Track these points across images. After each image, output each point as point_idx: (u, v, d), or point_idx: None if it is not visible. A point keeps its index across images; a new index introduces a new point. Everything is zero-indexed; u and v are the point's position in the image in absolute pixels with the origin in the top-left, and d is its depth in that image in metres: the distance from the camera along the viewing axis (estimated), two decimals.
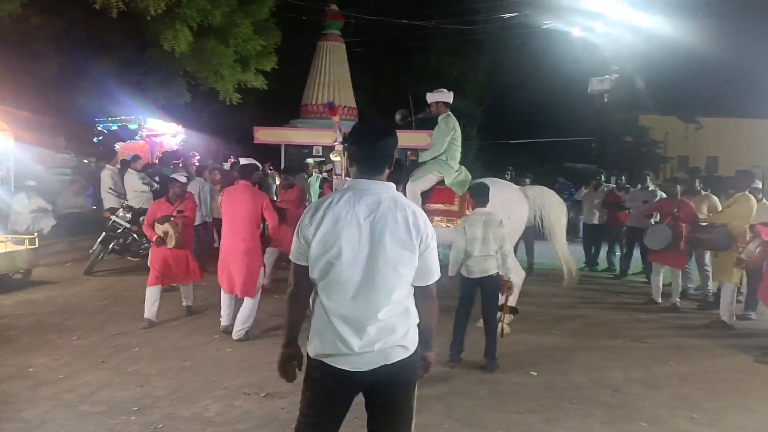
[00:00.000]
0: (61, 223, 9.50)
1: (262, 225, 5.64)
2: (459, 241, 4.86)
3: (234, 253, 5.38)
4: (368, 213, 2.16)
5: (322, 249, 2.15)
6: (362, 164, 2.26)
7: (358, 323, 2.15)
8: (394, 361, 2.19)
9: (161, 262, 5.89)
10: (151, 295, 5.82)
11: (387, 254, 2.14)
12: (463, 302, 4.99)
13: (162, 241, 5.82)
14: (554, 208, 6.48)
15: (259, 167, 5.78)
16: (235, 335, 5.40)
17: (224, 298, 5.61)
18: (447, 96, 6.41)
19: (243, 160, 5.93)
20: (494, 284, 4.94)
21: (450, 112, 6.43)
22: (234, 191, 5.57)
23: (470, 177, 6.61)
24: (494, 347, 4.88)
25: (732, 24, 20.75)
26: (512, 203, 6.12)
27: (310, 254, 2.19)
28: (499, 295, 5.06)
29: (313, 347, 2.25)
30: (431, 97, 6.41)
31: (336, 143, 6.75)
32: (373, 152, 2.25)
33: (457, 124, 6.46)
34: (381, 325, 2.16)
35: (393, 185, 2.29)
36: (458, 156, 6.48)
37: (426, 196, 6.26)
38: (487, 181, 6.51)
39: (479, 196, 5.02)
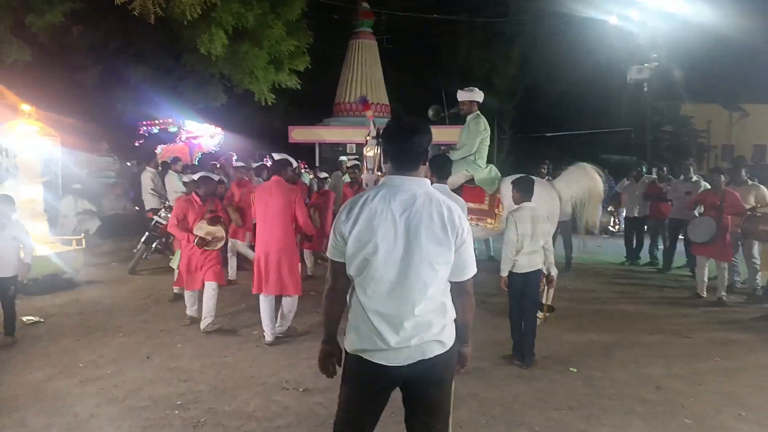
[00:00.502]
0: (105, 224, 9.85)
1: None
2: (511, 236, 4.77)
3: (269, 251, 5.19)
4: (403, 209, 2.17)
5: (358, 245, 2.18)
6: (396, 161, 2.27)
7: (395, 319, 2.17)
8: (431, 357, 2.21)
9: (191, 265, 5.69)
10: (190, 296, 5.85)
11: (422, 250, 2.15)
12: (516, 299, 4.92)
13: (204, 242, 5.59)
14: (592, 190, 6.46)
15: (292, 163, 5.62)
16: (276, 332, 5.33)
17: (264, 306, 5.28)
18: (478, 95, 6.37)
19: (276, 156, 5.71)
20: (538, 280, 4.92)
21: (479, 112, 6.39)
22: (266, 187, 5.39)
23: (500, 175, 6.55)
24: (533, 342, 4.84)
25: None
26: (540, 198, 6.05)
27: (346, 251, 2.22)
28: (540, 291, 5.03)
29: (350, 342, 2.29)
30: (463, 96, 6.37)
31: (369, 138, 6.64)
32: (407, 149, 2.25)
33: (487, 123, 6.42)
34: (417, 320, 2.18)
35: (427, 181, 2.30)
36: (486, 155, 6.43)
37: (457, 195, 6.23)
38: (505, 179, 6.49)
39: (525, 190, 4.91)
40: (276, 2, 11.97)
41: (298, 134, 16.84)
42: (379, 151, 6.27)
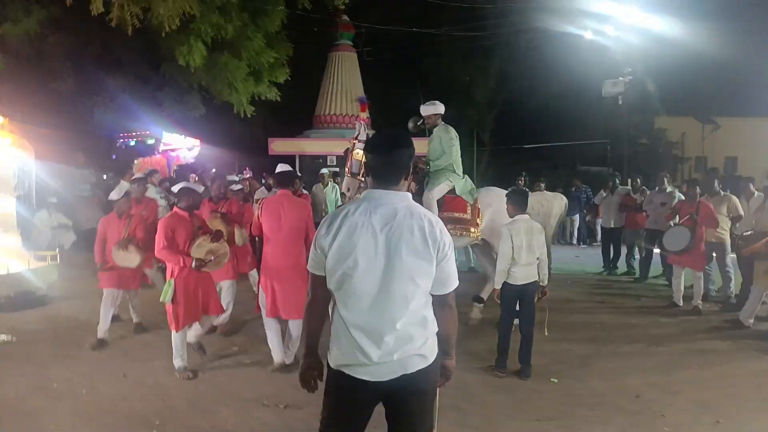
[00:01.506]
0: (81, 238, 9.66)
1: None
2: (506, 249, 4.78)
3: (281, 270, 4.75)
4: (384, 223, 2.17)
5: (339, 259, 2.17)
6: (378, 174, 2.27)
7: (376, 333, 2.16)
8: (413, 371, 2.20)
9: (189, 295, 4.77)
10: (181, 338, 4.84)
11: (403, 264, 2.15)
12: (508, 312, 4.96)
13: (202, 263, 4.78)
14: (554, 210, 6.59)
15: (298, 175, 5.42)
16: (288, 360, 4.90)
17: (273, 328, 4.89)
18: (441, 108, 6.45)
19: (280, 167, 5.27)
20: (534, 291, 4.96)
21: (444, 123, 6.46)
22: (275, 201, 4.95)
23: (474, 185, 6.63)
24: (530, 354, 4.89)
25: (744, 25, 20.52)
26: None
27: (326, 264, 2.21)
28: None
29: (333, 357, 2.27)
30: (427, 110, 6.41)
31: (357, 141, 6.42)
32: (389, 163, 2.25)
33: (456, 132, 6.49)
34: (398, 334, 2.17)
35: (409, 195, 2.29)
36: (461, 164, 6.49)
37: (439, 205, 6.26)
38: (483, 189, 6.61)
39: (519, 202, 4.94)
40: (256, 14, 11.99)
41: (279, 146, 16.79)
42: (363, 158, 6.23)
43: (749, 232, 6.58)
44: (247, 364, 5.13)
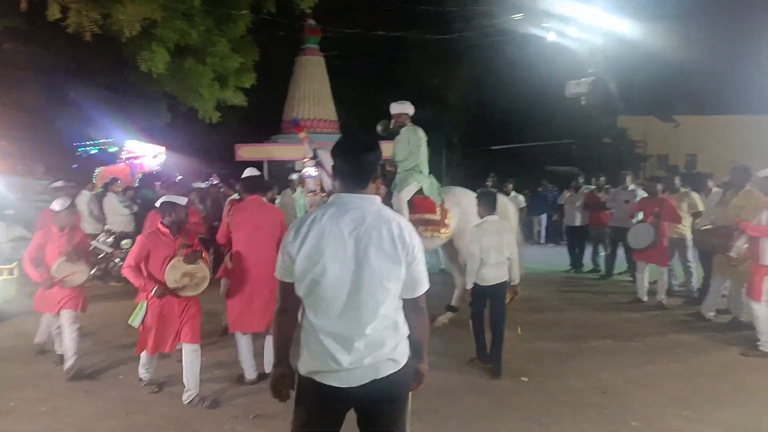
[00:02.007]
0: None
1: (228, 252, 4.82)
2: (474, 250, 4.85)
3: (258, 281, 4.51)
4: (353, 228, 2.15)
5: (307, 266, 2.14)
6: (348, 178, 2.24)
7: (346, 339, 2.13)
8: (384, 376, 2.18)
9: (163, 321, 4.33)
10: (149, 360, 4.55)
11: (373, 269, 2.13)
12: (478, 312, 5.03)
13: (165, 292, 4.23)
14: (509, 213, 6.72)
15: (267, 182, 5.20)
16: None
17: (243, 344, 4.67)
18: (410, 108, 6.47)
19: (248, 171, 5.01)
20: (504, 291, 5.02)
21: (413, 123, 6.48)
22: (246, 208, 4.69)
23: (440, 185, 6.67)
24: (501, 352, 4.94)
25: (703, 26, 21.25)
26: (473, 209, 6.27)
27: (295, 271, 2.18)
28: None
29: (303, 364, 2.23)
30: (398, 108, 6.41)
31: (306, 160, 6.29)
32: (360, 167, 2.23)
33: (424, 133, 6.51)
34: (369, 339, 2.15)
35: (378, 198, 2.28)
36: (427, 164, 6.51)
37: (410, 207, 6.26)
38: (448, 189, 6.66)
39: (489, 204, 5.00)
40: (220, 19, 11.83)
41: (246, 152, 16.59)
42: (318, 173, 6.14)
43: (708, 227, 6.76)
44: (217, 376, 5.02)
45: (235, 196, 9.12)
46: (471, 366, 5.08)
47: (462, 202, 6.40)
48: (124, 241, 7.56)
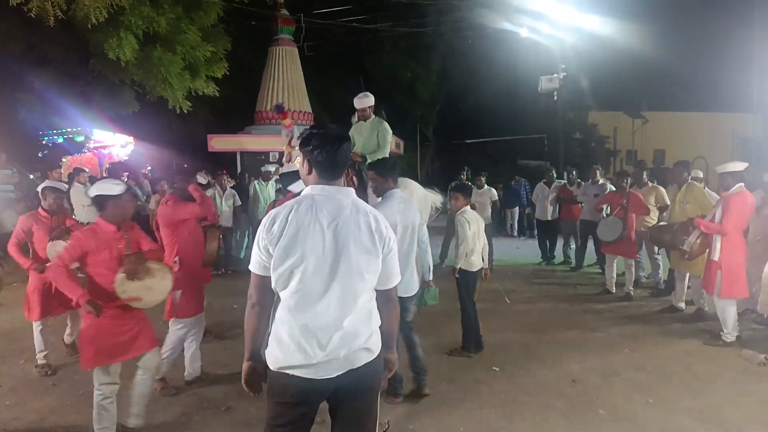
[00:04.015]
0: (4, 242, 9.06)
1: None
2: (467, 232, 5.13)
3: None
4: (331, 220, 2.14)
5: (285, 258, 2.11)
6: (324, 170, 2.22)
7: (324, 332, 2.13)
8: (359, 365, 2.19)
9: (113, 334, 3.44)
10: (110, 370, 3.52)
11: (351, 261, 2.13)
12: (471, 301, 5.26)
13: (96, 308, 3.27)
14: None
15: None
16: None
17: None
18: (373, 100, 6.45)
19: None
20: (478, 277, 5.34)
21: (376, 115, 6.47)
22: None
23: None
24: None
25: (670, 25, 21.74)
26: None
27: (272, 264, 2.14)
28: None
29: (273, 359, 2.20)
30: (363, 102, 6.36)
31: (292, 149, 6.11)
32: (336, 158, 2.21)
33: None
34: (346, 331, 2.15)
35: (352, 190, 2.27)
36: None
37: None
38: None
39: (466, 195, 5.38)
40: (190, 6, 11.56)
41: (218, 143, 16.32)
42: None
43: (663, 224, 6.96)
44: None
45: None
46: (451, 356, 5.21)
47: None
48: None
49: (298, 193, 3.00)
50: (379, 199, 4.12)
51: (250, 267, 2.23)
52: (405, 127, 24.91)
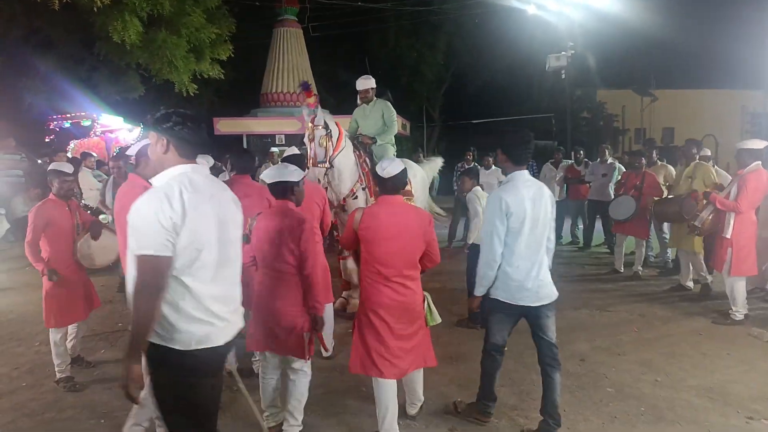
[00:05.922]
0: (15, 227, 9.16)
1: None
2: (478, 210, 5.31)
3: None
4: (210, 196, 2.28)
5: (192, 236, 2.15)
6: (187, 148, 2.31)
7: (225, 296, 2.33)
8: (242, 326, 2.49)
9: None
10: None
11: (230, 232, 2.35)
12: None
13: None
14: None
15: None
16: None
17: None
18: (374, 83, 6.45)
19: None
20: None
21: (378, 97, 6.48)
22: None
23: None
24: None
25: (679, 2, 21.35)
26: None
27: (178, 243, 2.11)
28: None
29: (183, 342, 2.16)
30: (365, 84, 6.34)
31: (317, 128, 5.72)
32: (199, 135, 2.35)
33: None
34: (235, 294, 2.42)
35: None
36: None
37: None
38: (404, 162, 6.80)
39: (475, 176, 5.64)
40: None
41: (224, 126, 16.31)
42: (328, 144, 5.67)
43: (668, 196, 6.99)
44: None
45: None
46: (459, 326, 5.43)
47: (417, 174, 6.91)
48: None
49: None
50: (498, 181, 4.08)
51: (151, 249, 2.13)
52: (411, 108, 24.72)
